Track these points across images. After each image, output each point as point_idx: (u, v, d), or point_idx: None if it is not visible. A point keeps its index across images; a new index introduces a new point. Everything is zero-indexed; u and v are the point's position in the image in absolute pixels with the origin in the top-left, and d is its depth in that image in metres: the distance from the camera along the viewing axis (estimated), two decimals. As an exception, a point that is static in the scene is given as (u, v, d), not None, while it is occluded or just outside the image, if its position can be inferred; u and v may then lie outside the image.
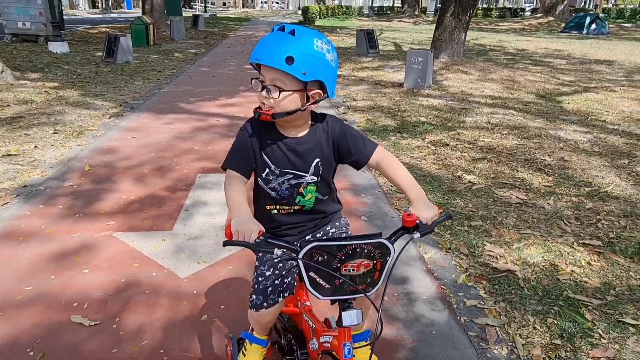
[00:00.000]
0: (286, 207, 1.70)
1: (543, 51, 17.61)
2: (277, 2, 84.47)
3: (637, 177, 4.82)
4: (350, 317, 1.43)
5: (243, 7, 80.00)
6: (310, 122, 1.65)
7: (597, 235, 3.52)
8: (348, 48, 16.68)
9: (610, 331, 2.48)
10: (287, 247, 1.36)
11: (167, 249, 3.26)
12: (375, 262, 1.37)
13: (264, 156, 1.63)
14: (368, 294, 1.40)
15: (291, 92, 1.48)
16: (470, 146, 5.70)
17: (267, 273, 1.71)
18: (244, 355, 1.94)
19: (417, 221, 1.46)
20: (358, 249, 1.35)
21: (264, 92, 1.50)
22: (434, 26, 13.81)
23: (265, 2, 78.13)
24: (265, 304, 1.70)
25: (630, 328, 2.50)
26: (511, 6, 60.76)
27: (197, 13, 31.88)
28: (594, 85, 10.47)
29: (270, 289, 1.70)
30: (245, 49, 17.20)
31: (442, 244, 3.38)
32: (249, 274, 2.95)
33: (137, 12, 40.74)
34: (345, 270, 1.36)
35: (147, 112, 7.21)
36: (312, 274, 1.36)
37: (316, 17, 34.99)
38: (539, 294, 2.79)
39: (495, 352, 2.35)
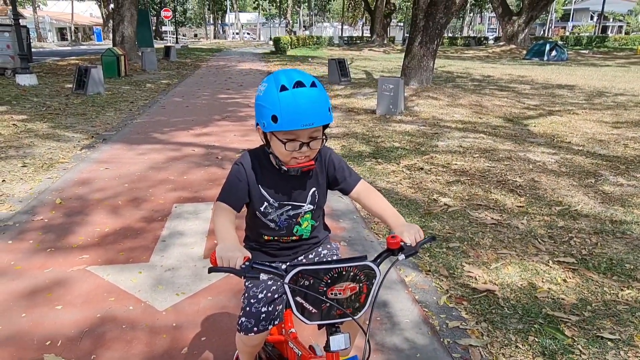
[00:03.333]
0: (285, 238, 1.72)
1: (508, 77, 18.28)
2: (248, 33, 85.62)
3: (604, 195, 4.99)
4: (338, 342, 1.41)
5: (214, 38, 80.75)
6: None
7: (571, 253, 3.62)
8: (320, 77, 16.95)
9: (590, 346, 2.52)
10: (273, 272, 1.35)
11: (144, 281, 3.18)
12: (361, 285, 1.37)
13: (262, 190, 1.64)
14: (355, 317, 1.39)
15: (324, 136, 1.57)
16: (444, 169, 5.82)
17: (260, 295, 1.70)
18: None
19: (402, 243, 1.47)
20: (344, 272, 1.35)
21: (303, 148, 1.52)
22: (403, 55, 14.23)
23: (237, 33, 79.05)
24: (255, 329, 1.68)
25: (609, 342, 2.55)
26: (475, 35, 63.21)
27: (169, 44, 31.99)
28: (557, 109, 10.89)
29: (263, 315, 1.68)
30: (217, 78, 17.29)
31: (421, 266, 3.40)
32: (229, 304, 2.91)
33: (107, 44, 40.61)
34: (331, 294, 1.35)
35: (120, 143, 7.12)
36: (298, 298, 1.35)
37: (287, 47, 35.55)
38: (518, 313, 2.83)
39: (480, 372, 2.36)
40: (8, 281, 3.14)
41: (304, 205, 1.68)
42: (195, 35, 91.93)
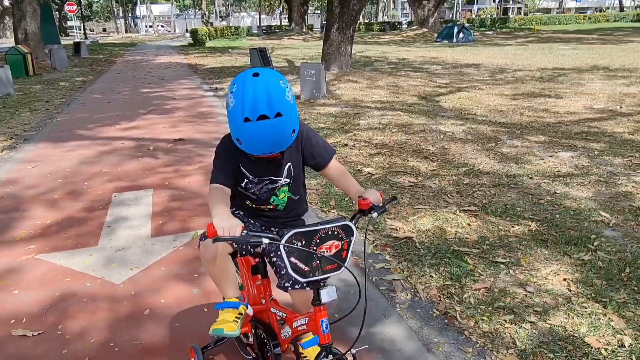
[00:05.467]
0: (262, 206, 1.92)
1: (421, 59, 19.41)
2: (162, 26, 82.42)
3: (502, 155, 5.76)
4: (327, 294, 1.62)
5: (126, 32, 76.91)
6: None
7: (474, 203, 4.26)
8: (242, 67, 17.05)
9: (487, 269, 3.11)
10: (270, 236, 1.51)
11: (96, 262, 3.38)
12: (342, 242, 1.60)
13: (242, 169, 1.82)
14: (339, 271, 1.60)
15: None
16: (366, 144, 6.36)
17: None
18: (215, 321, 1.95)
19: (371, 204, 1.71)
20: (329, 232, 1.56)
21: None
22: (322, 42, 14.71)
23: (151, 27, 75.83)
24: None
25: (501, 265, 3.16)
26: (390, 20, 65.42)
27: (78, 40, 30.27)
28: (465, 86, 11.90)
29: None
30: (136, 73, 16.85)
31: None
32: (182, 272, 3.21)
33: (4, 42, 37.50)
34: (320, 252, 1.56)
35: (44, 142, 6.98)
36: (293, 259, 1.54)
37: (206, 39, 34.90)
38: (432, 252, 3.38)
39: (402, 297, 2.86)
40: (-44, 275, 3.21)
41: (280, 179, 1.85)
42: (104, 30, 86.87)
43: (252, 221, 1.99)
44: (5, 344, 2.51)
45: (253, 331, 2.15)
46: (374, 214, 1.70)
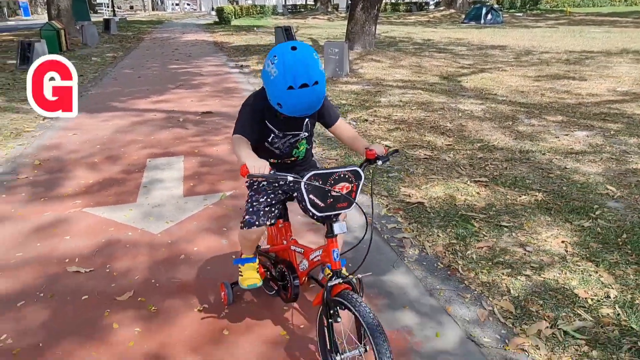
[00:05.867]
0: (286, 159, 2.19)
1: (446, 40, 19.27)
2: (188, 4, 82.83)
3: (518, 133, 5.92)
4: (340, 227, 1.93)
5: (153, 10, 77.60)
6: None
7: (485, 175, 4.48)
8: (268, 45, 17.27)
9: (491, 232, 3.37)
10: (293, 175, 1.80)
11: (135, 215, 3.75)
12: (352, 185, 1.87)
13: (269, 125, 2.05)
14: (349, 208, 1.90)
15: None
16: (386, 120, 6.59)
17: (261, 199, 2.23)
18: (242, 275, 2.36)
19: (376, 154, 2.01)
20: (342, 175, 1.84)
21: None
22: (346, 22, 14.79)
23: (177, 4, 76.30)
24: (257, 223, 2.18)
25: (505, 229, 3.41)
26: (416, 0, 64.35)
27: (107, 17, 30.87)
28: (488, 67, 11.90)
29: (262, 212, 2.21)
30: (164, 50, 17.24)
31: (366, 190, 4.15)
32: (212, 227, 3.56)
33: (35, 19, 38.43)
34: (334, 192, 1.84)
35: (82, 112, 7.38)
36: (311, 196, 1.82)
37: (232, 17, 35.11)
38: (441, 215, 3.64)
39: (410, 253, 3.15)
40: (14, 223, 3.63)
41: (301, 133, 2.13)
42: (131, 8, 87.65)
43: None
44: (61, 278, 2.90)
45: (275, 268, 2.48)
46: (379, 162, 2.01)
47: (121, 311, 2.59)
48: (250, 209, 2.23)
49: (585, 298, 2.61)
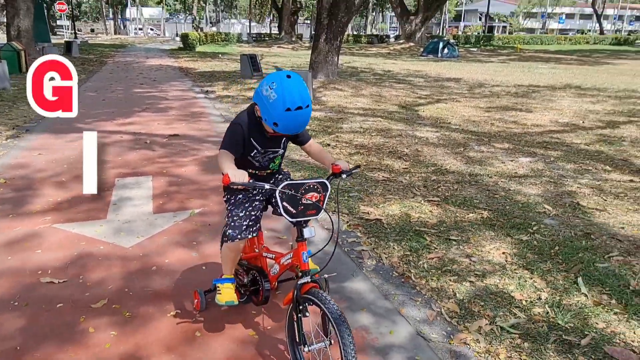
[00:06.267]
0: (262, 171, 2.46)
1: (405, 71, 20.19)
2: (151, 29, 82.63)
3: (468, 158, 6.40)
4: (309, 231, 2.18)
5: (115, 33, 76.90)
6: None
7: (437, 195, 4.86)
8: (233, 72, 17.60)
9: (441, 245, 3.71)
10: (270, 185, 2.13)
11: (106, 231, 3.88)
12: (320, 195, 2.16)
13: (253, 142, 2.32)
14: (317, 215, 2.19)
15: None
16: (347, 145, 6.96)
17: (241, 214, 2.44)
18: (220, 294, 2.54)
19: (341, 169, 2.33)
20: (311, 186, 2.12)
21: None
22: (310, 51, 15.34)
23: (140, 29, 75.96)
24: (239, 237, 2.39)
25: (453, 242, 3.76)
26: (378, 33, 66.73)
27: (67, 39, 30.53)
28: (444, 98, 12.62)
29: (244, 227, 2.42)
30: (128, 74, 17.26)
31: (329, 208, 4.44)
32: (182, 241, 3.74)
33: (-5, 38, 37.34)
34: (304, 200, 2.12)
35: (45, 133, 7.42)
36: (285, 203, 2.10)
37: (196, 44, 35.38)
38: (396, 230, 3.96)
39: (368, 263, 3.43)
40: (-17, 238, 3.68)
41: (279, 150, 2.43)
42: (92, 31, 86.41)
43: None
44: (35, 288, 3.01)
45: (247, 275, 2.69)
46: (343, 176, 2.36)
47: (96, 317, 2.73)
48: (232, 224, 2.42)
49: (520, 300, 2.96)
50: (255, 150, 2.36)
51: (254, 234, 2.50)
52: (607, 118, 9.92)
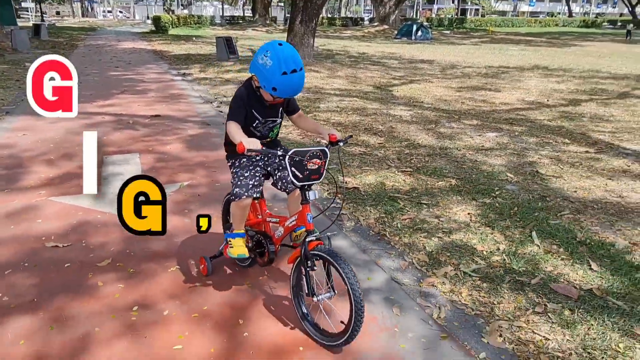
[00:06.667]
0: (263, 140, 2.65)
1: (380, 54, 20.50)
2: (120, 12, 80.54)
3: (439, 134, 6.80)
4: (313, 194, 2.39)
5: (83, 16, 74.64)
6: None
7: (410, 166, 5.24)
8: (208, 55, 17.60)
9: (413, 208, 4.08)
10: (281, 152, 2.40)
11: (101, 202, 4.12)
12: (322, 161, 2.35)
13: (255, 113, 2.55)
14: (320, 179, 2.38)
15: None
16: (325, 123, 7.26)
17: (246, 174, 2.66)
18: (232, 247, 2.73)
19: (337, 138, 2.52)
20: (314, 153, 2.31)
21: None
22: (285, 34, 15.46)
23: (109, 12, 73.89)
24: (245, 194, 2.59)
25: (424, 205, 4.14)
26: (352, 16, 66.64)
27: (34, 22, 29.71)
28: (417, 78, 13.01)
29: (250, 185, 2.60)
30: (102, 57, 17.08)
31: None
32: (175, 210, 4.01)
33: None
34: (309, 165, 2.31)
35: (26, 115, 7.48)
36: (293, 168, 2.29)
37: (169, 27, 34.84)
38: (372, 197, 4.32)
39: (347, 225, 3.79)
40: (-17, 211, 3.88)
41: (277, 119, 2.66)
42: (58, 13, 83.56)
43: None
44: (42, 252, 3.26)
45: (252, 239, 2.88)
46: (341, 144, 2.54)
47: (103, 274, 3.01)
48: (239, 183, 2.63)
49: (482, 250, 3.35)
50: (257, 121, 2.58)
51: (258, 195, 2.69)
52: (570, 96, 10.48)
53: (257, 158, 2.73)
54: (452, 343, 2.44)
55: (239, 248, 2.75)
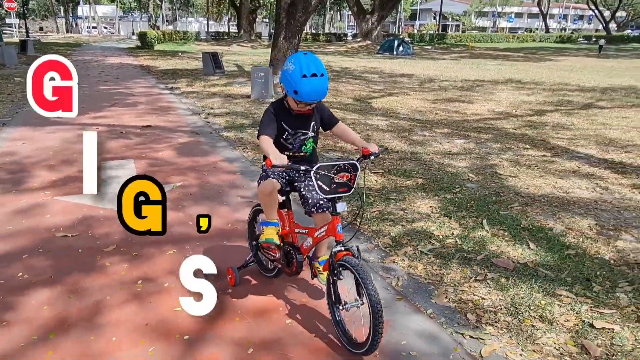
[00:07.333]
0: (296, 153, 2.70)
1: (362, 68, 21.23)
2: (105, 27, 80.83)
3: (412, 141, 7.37)
4: (341, 206, 2.44)
5: (67, 32, 74.74)
6: None
7: (383, 169, 5.78)
8: (194, 69, 18.11)
9: (382, 203, 4.61)
10: (305, 166, 2.42)
11: (102, 201, 4.57)
12: (351, 174, 2.42)
13: (284, 125, 2.63)
14: (349, 192, 2.44)
15: None
16: (306, 132, 7.80)
17: (274, 170, 2.67)
18: (264, 233, 2.78)
19: (370, 152, 2.56)
20: (343, 167, 2.36)
21: (306, 106, 2.57)
22: (269, 50, 16.07)
23: (94, 27, 74.13)
24: (271, 175, 2.68)
25: (392, 200, 4.67)
26: (336, 31, 67.91)
27: (23, 38, 29.97)
28: (396, 91, 13.67)
29: (276, 173, 2.69)
30: (90, 72, 17.47)
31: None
32: (170, 206, 4.45)
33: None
34: (337, 179, 2.38)
35: (22, 127, 7.89)
36: (319, 182, 2.35)
37: (155, 42, 35.34)
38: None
39: (324, 216, 4.29)
40: (-5, 208, 4.31)
41: (308, 132, 2.69)
42: (41, 29, 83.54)
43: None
44: (53, 240, 3.70)
45: (280, 251, 2.88)
46: (372, 157, 2.62)
47: (110, 256, 3.46)
48: (264, 174, 2.77)
49: (438, 235, 3.89)
50: (286, 132, 2.65)
51: (281, 184, 2.71)
52: (537, 107, 11.20)
53: (284, 174, 2.77)
54: (406, 303, 2.95)
55: (269, 234, 2.80)
